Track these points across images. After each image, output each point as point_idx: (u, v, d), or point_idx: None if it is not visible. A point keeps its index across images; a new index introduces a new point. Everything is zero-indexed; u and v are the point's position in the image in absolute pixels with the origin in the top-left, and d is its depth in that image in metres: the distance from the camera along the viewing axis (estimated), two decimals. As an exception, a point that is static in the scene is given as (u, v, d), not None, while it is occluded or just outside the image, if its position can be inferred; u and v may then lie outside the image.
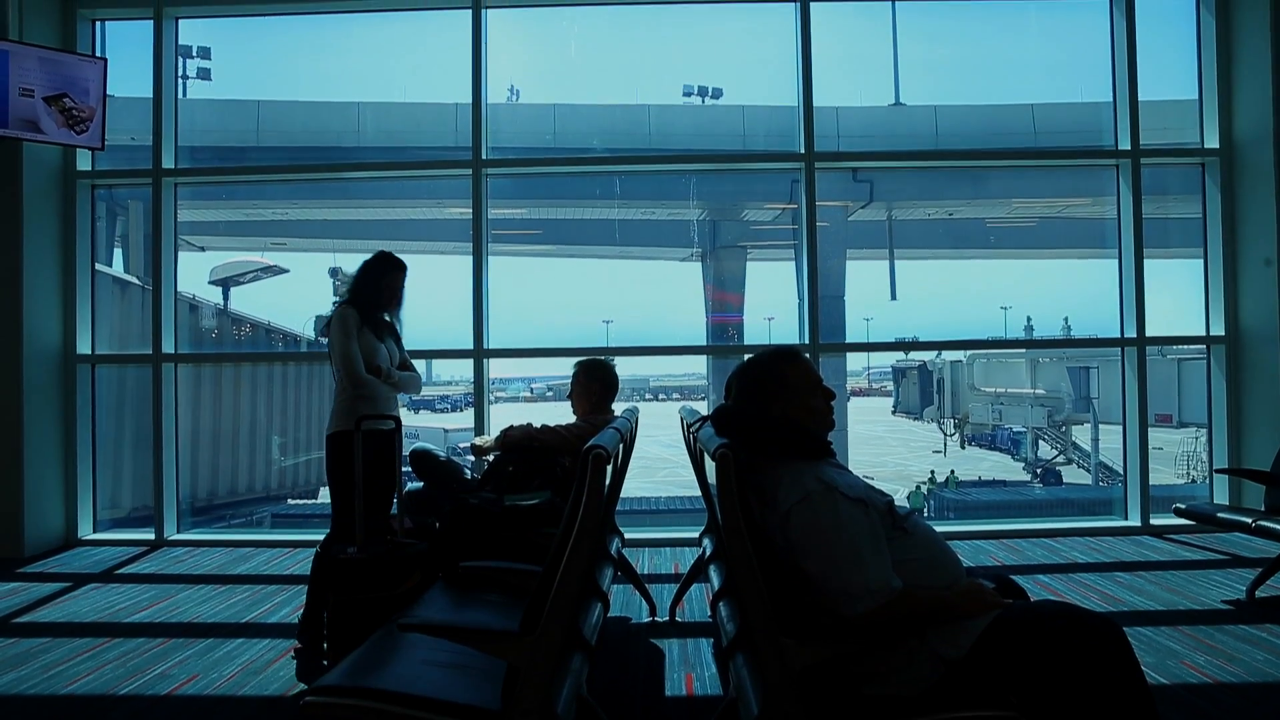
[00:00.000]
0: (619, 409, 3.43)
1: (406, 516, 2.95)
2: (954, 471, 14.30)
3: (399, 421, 2.99)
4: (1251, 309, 4.80)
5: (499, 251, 5.27)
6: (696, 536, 3.35)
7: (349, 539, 2.71)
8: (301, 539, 4.82)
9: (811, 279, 4.89)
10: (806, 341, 4.90)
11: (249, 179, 5.93)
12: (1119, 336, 4.96)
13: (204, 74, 6.61)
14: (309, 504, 8.51)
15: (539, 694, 1.57)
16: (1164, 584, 3.69)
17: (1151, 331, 4.89)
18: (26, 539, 4.59)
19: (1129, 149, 4.89)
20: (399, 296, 3.10)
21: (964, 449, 17.37)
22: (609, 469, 1.75)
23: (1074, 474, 14.80)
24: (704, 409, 3.96)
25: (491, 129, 5.01)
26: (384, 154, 6.83)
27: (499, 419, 4.00)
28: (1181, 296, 5.24)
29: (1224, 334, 4.88)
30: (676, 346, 5.39)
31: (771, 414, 1.85)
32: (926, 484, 13.60)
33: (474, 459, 3.84)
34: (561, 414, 3.46)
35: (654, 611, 3.34)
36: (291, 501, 8.54)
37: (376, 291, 3.03)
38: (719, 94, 7.18)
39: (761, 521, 1.66)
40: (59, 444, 4.86)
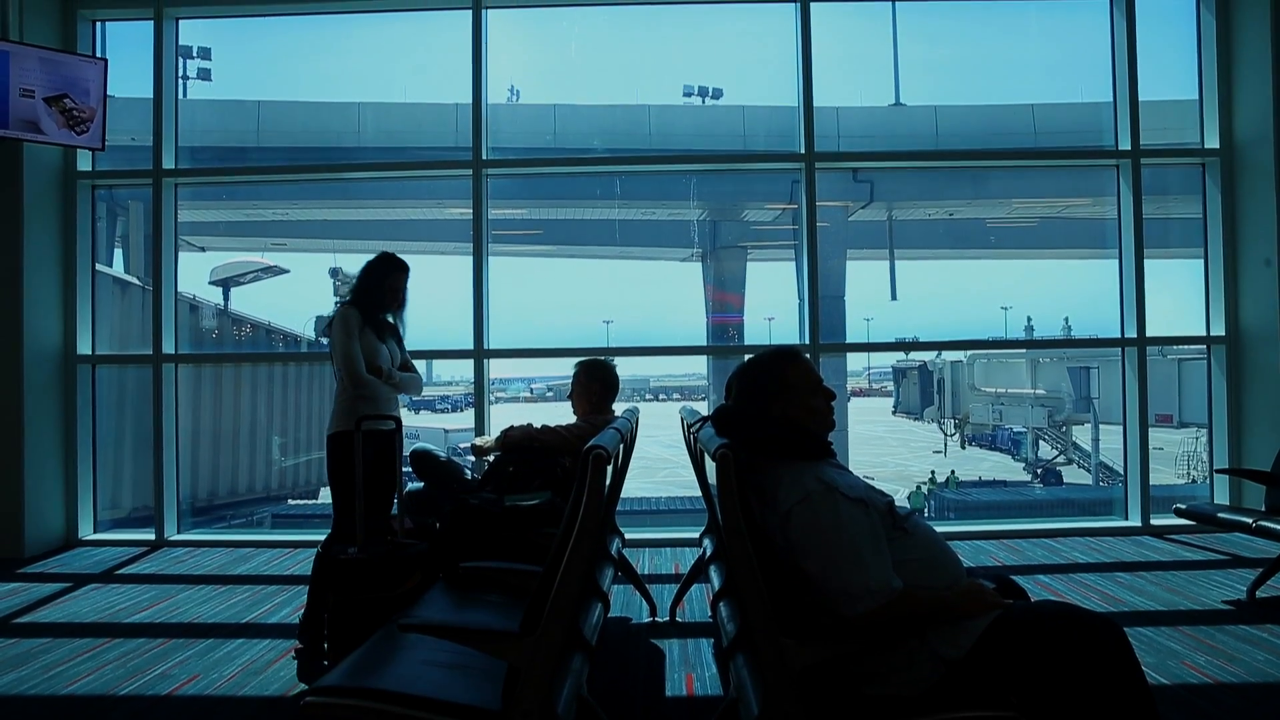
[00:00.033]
0: (619, 409, 3.43)
1: (407, 517, 2.95)
2: (954, 472, 14.30)
3: (399, 422, 2.99)
4: (1252, 309, 4.80)
5: (499, 252, 5.28)
6: (697, 537, 3.35)
7: (350, 539, 2.71)
8: (302, 539, 4.82)
9: (812, 279, 4.89)
10: (807, 342, 4.90)
11: (249, 179, 5.93)
12: (1119, 336, 4.97)
13: (204, 74, 6.61)
14: (309, 504, 8.51)
15: (539, 694, 1.57)
16: (1164, 584, 3.69)
17: (1152, 332, 4.89)
18: (27, 539, 4.59)
19: (1129, 149, 4.89)
20: (401, 297, 3.11)
21: (964, 449, 17.37)
22: (609, 469, 1.75)
23: (1074, 474, 14.80)
24: (704, 409, 3.96)
25: (492, 129, 5.01)
26: (384, 154, 6.83)
27: (499, 419, 4.00)
28: (1182, 296, 5.25)
29: (1224, 334, 4.88)
30: (677, 347, 5.39)
31: (772, 414, 1.85)
32: (927, 484, 13.60)
33: (474, 459, 3.84)
34: (562, 414, 3.46)
35: (654, 612, 3.34)
36: (292, 502, 8.54)
37: (379, 292, 3.03)
38: (719, 94, 7.17)
39: (762, 522, 1.66)
40: (59, 444, 4.87)
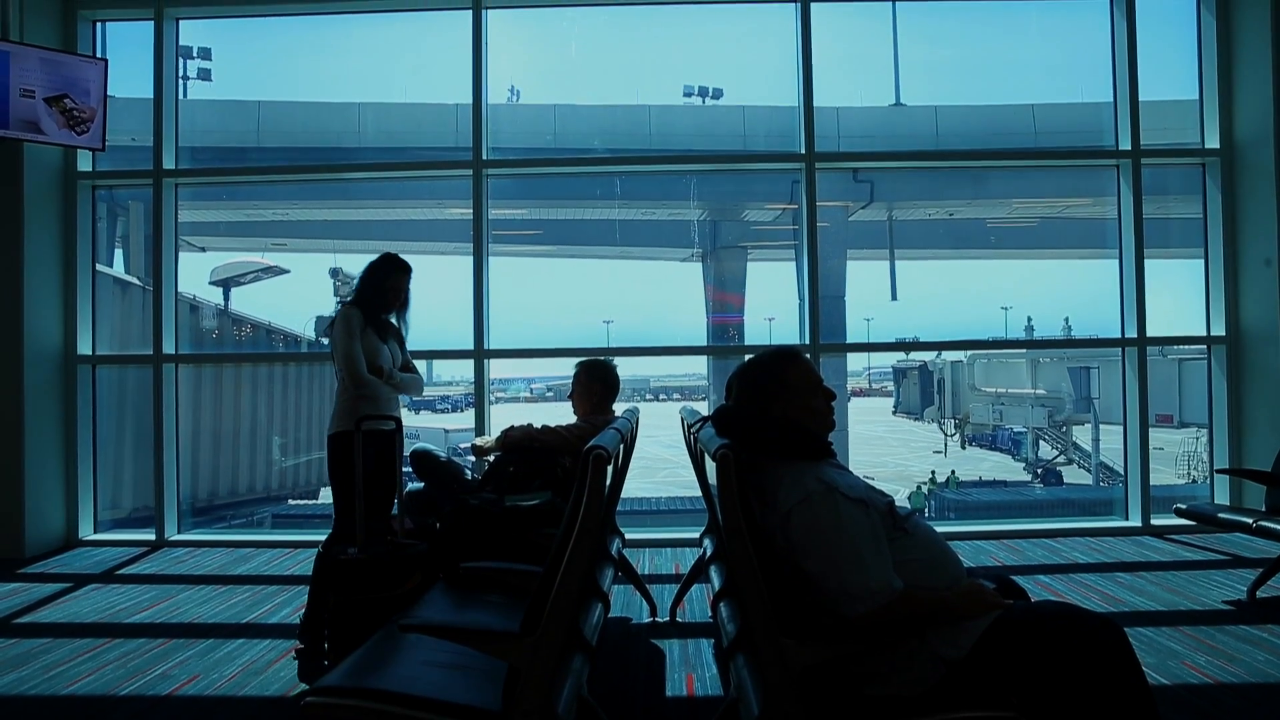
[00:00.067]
0: (620, 409, 3.43)
1: (407, 517, 2.95)
2: (954, 472, 14.31)
3: (400, 422, 2.99)
4: (1252, 309, 4.80)
5: (499, 252, 5.28)
6: (697, 537, 3.35)
7: (350, 539, 2.71)
8: (302, 539, 4.82)
9: (812, 279, 4.89)
10: (807, 342, 4.90)
11: (249, 179, 5.94)
12: (1119, 337, 4.96)
13: (204, 74, 6.62)
14: (309, 504, 8.52)
15: (540, 694, 1.57)
16: (1165, 584, 3.69)
17: (1152, 332, 4.89)
18: (27, 539, 4.59)
19: (1129, 149, 4.89)
20: (404, 298, 3.11)
21: (964, 449, 17.37)
22: (609, 469, 1.75)
23: (1075, 474, 14.80)
24: (704, 409, 3.96)
25: (492, 129, 5.01)
26: (384, 154, 6.83)
27: (499, 419, 4.00)
28: (1182, 297, 5.25)
29: (1224, 334, 4.88)
30: (677, 347, 5.38)
31: (772, 414, 1.85)
32: (927, 484, 13.60)
33: (474, 459, 3.84)
34: (562, 414, 3.46)
35: (654, 612, 3.34)
36: (292, 502, 8.54)
37: (381, 293, 3.03)
38: (719, 94, 7.17)
39: (762, 522, 1.66)
40: (60, 444, 4.87)
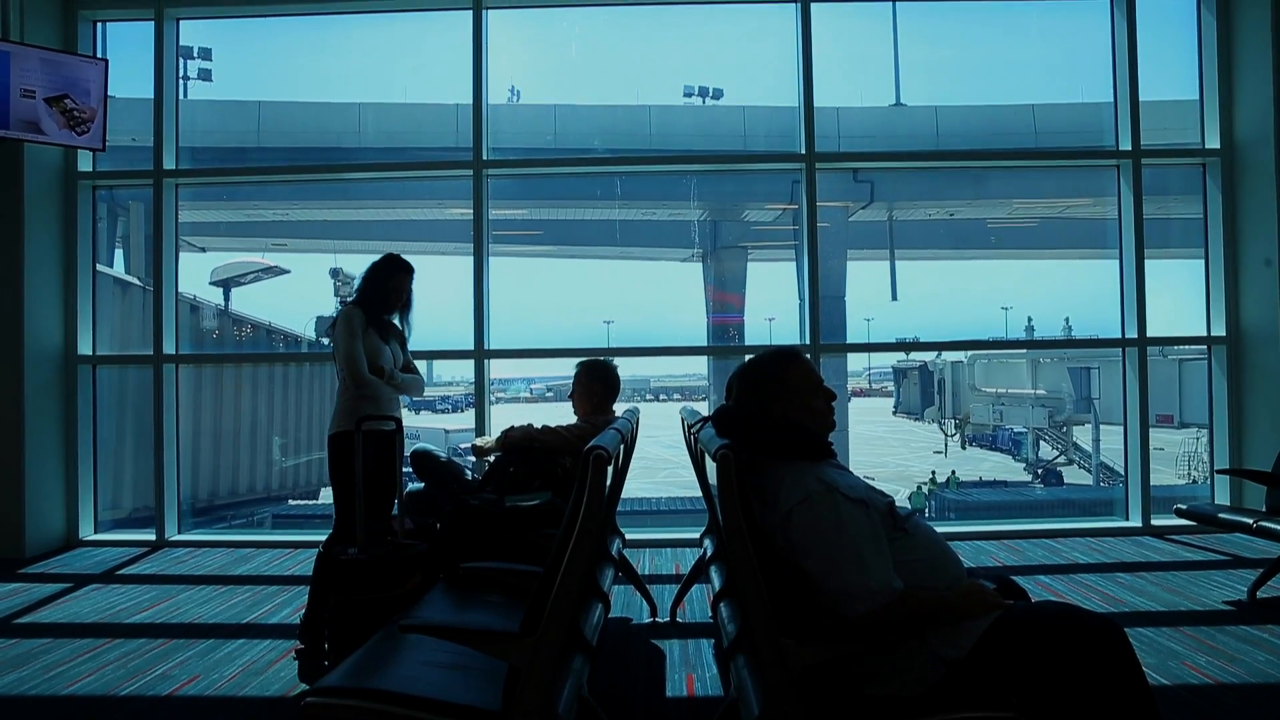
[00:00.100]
0: (620, 409, 3.43)
1: (407, 517, 2.95)
2: (955, 472, 14.31)
3: (400, 422, 2.99)
4: (1252, 309, 4.80)
5: (500, 252, 5.28)
6: (697, 537, 3.35)
7: (350, 539, 2.71)
8: (302, 540, 4.82)
9: (812, 279, 4.89)
10: (807, 342, 4.90)
11: (250, 180, 5.94)
12: (1120, 337, 4.96)
13: (205, 75, 6.62)
14: (310, 505, 8.52)
15: (540, 695, 1.57)
16: (1165, 585, 3.69)
17: (1152, 332, 4.89)
18: (27, 540, 4.59)
19: (1130, 149, 4.89)
20: (406, 298, 3.12)
21: (965, 449, 17.36)
22: (610, 470, 1.75)
23: (1075, 474, 14.79)
24: (705, 410, 3.96)
25: (492, 129, 5.02)
26: (385, 154, 6.83)
27: (500, 419, 4.00)
28: (1182, 297, 5.25)
29: (1225, 334, 4.88)
30: (677, 347, 5.38)
31: (772, 414, 1.85)
32: (927, 484, 13.60)
33: (475, 460, 3.84)
34: (562, 414, 3.46)
35: (655, 612, 3.34)
36: (292, 502, 8.54)
37: (383, 293, 3.04)
38: (720, 94, 7.17)
39: (762, 522, 1.65)
40: (60, 445, 4.87)
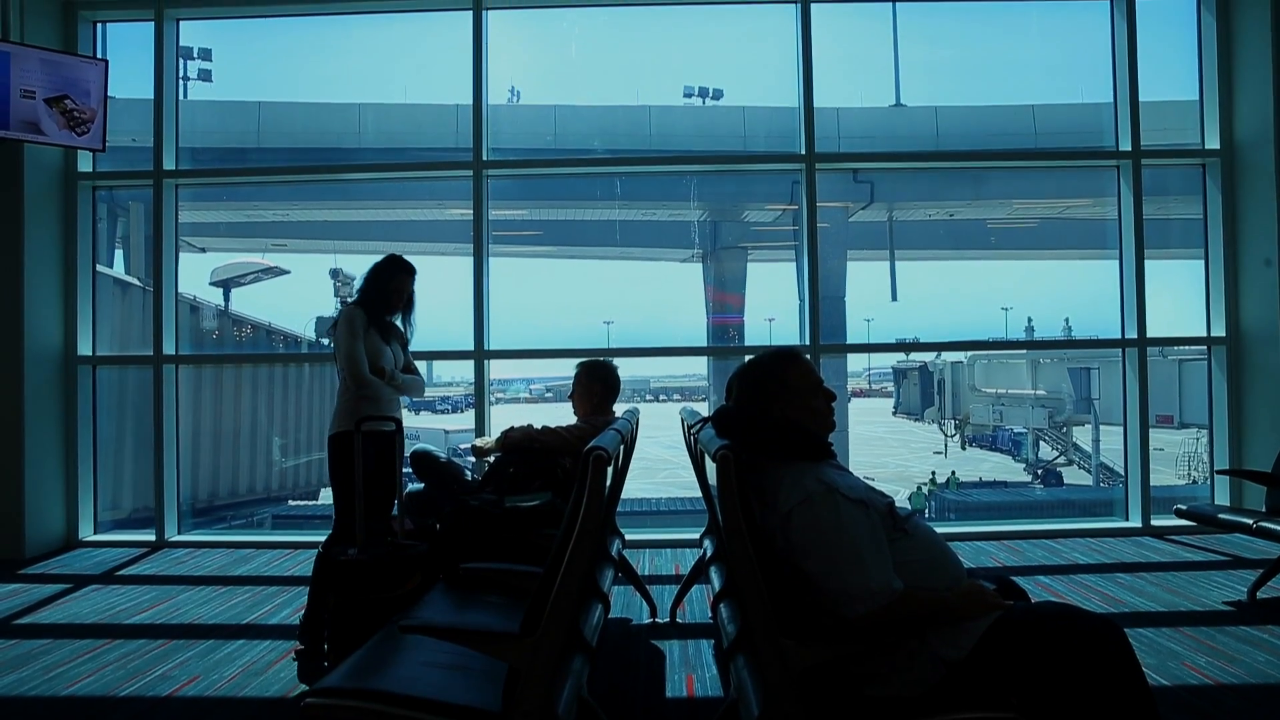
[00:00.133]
0: (620, 410, 3.43)
1: (407, 518, 2.95)
2: (955, 472, 14.30)
3: (400, 423, 2.99)
4: (1252, 310, 4.80)
5: (499, 252, 5.28)
6: (697, 538, 3.35)
7: (350, 540, 2.71)
8: (302, 540, 4.83)
9: (812, 280, 4.89)
10: (807, 342, 4.90)
11: (250, 180, 5.94)
12: (1120, 337, 4.97)
13: (205, 75, 6.61)
14: (309, 505, 8.50)
15: (540, 695, 1.57)
16: (1165, 585, 3.69)
17: (1152, 332, 4.89)
18: (27, 540, 4.60)
19: (1130, 150, 4.89)
20: (408, 299, 3.12)
21: (965, 450, 17.35)
22: (610, 470, 1.75)
23: (1075, 475, 14.77)
24: (705, 410, 3.96)
25: (492, 130, 5.02)
26: (385, 155, 6.82)
27: (499, 420, 4.00)
28: (1182, 297, 5.25)
29: (1225, 335, 4.88)
30: (677, 348, 5.38)
31: (772, 415, 1.85)
32: (927, 485, 13.59)
33: (475, 460, 3.84)
34: (561, 415, 3.46)
35: (655, 613, 3.34)
36: (292, 503, 8.53)
37: (384, 293, 3.04)
38: (720, 95, 7.16)
39: (762, 523, 1.65)
40: (60, 445, 4.87)
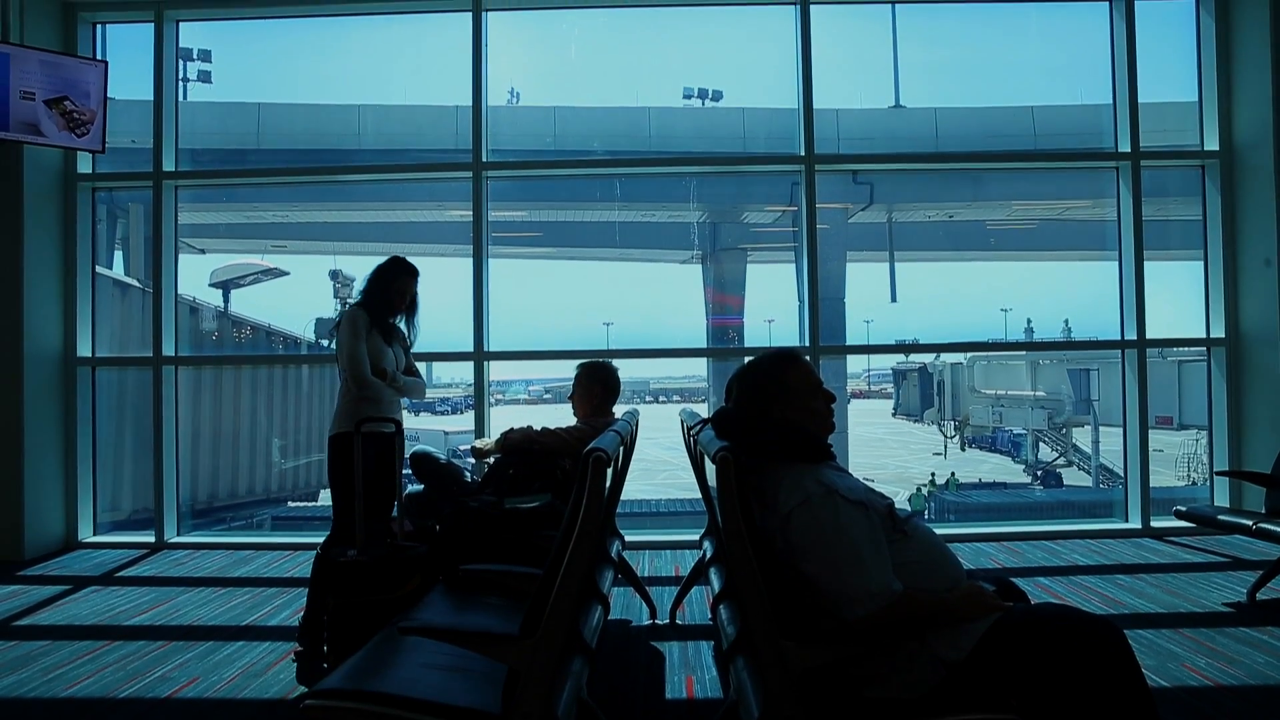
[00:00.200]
0: (619, 411, 3.43)
1: (407, 519, 2.95)
2: (954, 474, 14.29)
3: (400, 424, 2.99)
4: (1252, 311, 4.80)
5: (499, 254, 5.28)
6: (697, 539, 3.35)
7: (349, 541, 2.71)
8: (302, 541, 4.83)
9: (812, 281, 4.89)
10: (807, 344, 4.90)
11: (249, 182, 5.94)
12: (1119, 339, 4.97)
13: (204, 76, 6.61)
14: (309, 506, 8.49)
15: (539, 697, 1.57)
16: (1165, 586, 3.69)
17: (1152, 333, 4.89)
18: (27, 542, 4.59)
19: (1129, 151, 4.89)
20: (411, 301, 3.13)
21: (964, 451, 17.34)
22: (609, 472, 1.75)
23: (1074, 476, 14.77)
24: (704, 411, 3.97)
25: (492, 131, 5.02)
26: (384, 156, 6.82)
27: (499, 421, 4.00)
28: (1182, 298, 5.25)
29: (1224, 336, 4.88)
30: (677, 349, 5.37)
31: (772, 416, 1.85)
32: (927, 486, 13.59)
33: (474, 461, 3.84)
34: (561, 416, 3.46)
35: (654, 614, 3.34)
36: (292, 504, 8.52)
37: (387, 295, 3.05)
38: (719, 96, 7.17)
39: (761, 524, 1.66)
40: (59, 447, 4.86)
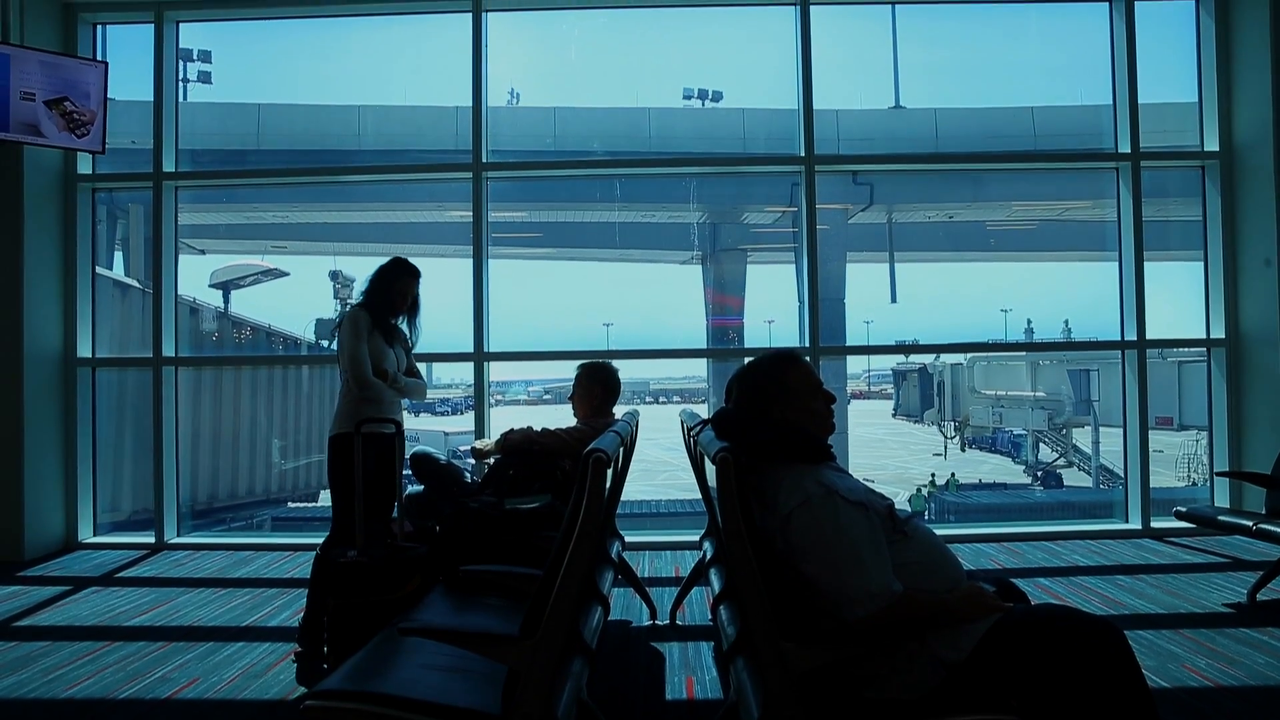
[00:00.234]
0: (619, 412, 3.43)
1: (407, 520, 2.95)
2: (954, 474, 14.28)
3: (400, 425, 2.99)
4: (1252, 311, 4.80)
5: (499, 254, 5.28)
6: (697, 540, 3.35)
7: (349, 542, 2.71)
8: (302, 542, 4.82)
9: (812, 282, 4.89)
10: (807, 344, 4.90)
11: (249, 182, 5.94)
12: (1119, 339, 4.97)
13: (204, 77, 6.61)
14: (309, 507, 8.49)
15: (539, 698, 1.56)
16: (1165, 587, 3.69)
17: (1152, 334, 4.89)
18: (27, 542, 4.59)
19: (1129, 152, 4.90)
20: (413, 302, 3.13)
21: (964, 452, 17.32)
22: (609, 473, 1.75)
23: (1075, 477, 14.75)
24: (704, 412, 3.96)
25: (492, 132, 5.02)
26: (384, 157, 6.82)
27: (499, 422, 4.00)
28: (1182, 299, 5.25)
29: (1224, 336, 4.88)
30: (677, 349, 5.37)
31: (772, 417, 1.85)
32: (927, 487, 13.57)
33: (474, 462, 3.84)
34: (561, 417, 3.46)
35: (654, 615, 3.34)
36: (292, 505, 8.52)
37: (388, 296, 3.06)
38: (719, 97, 7.17)
39: (761, 525, 1.65)
40: (59, 447, 4.86)
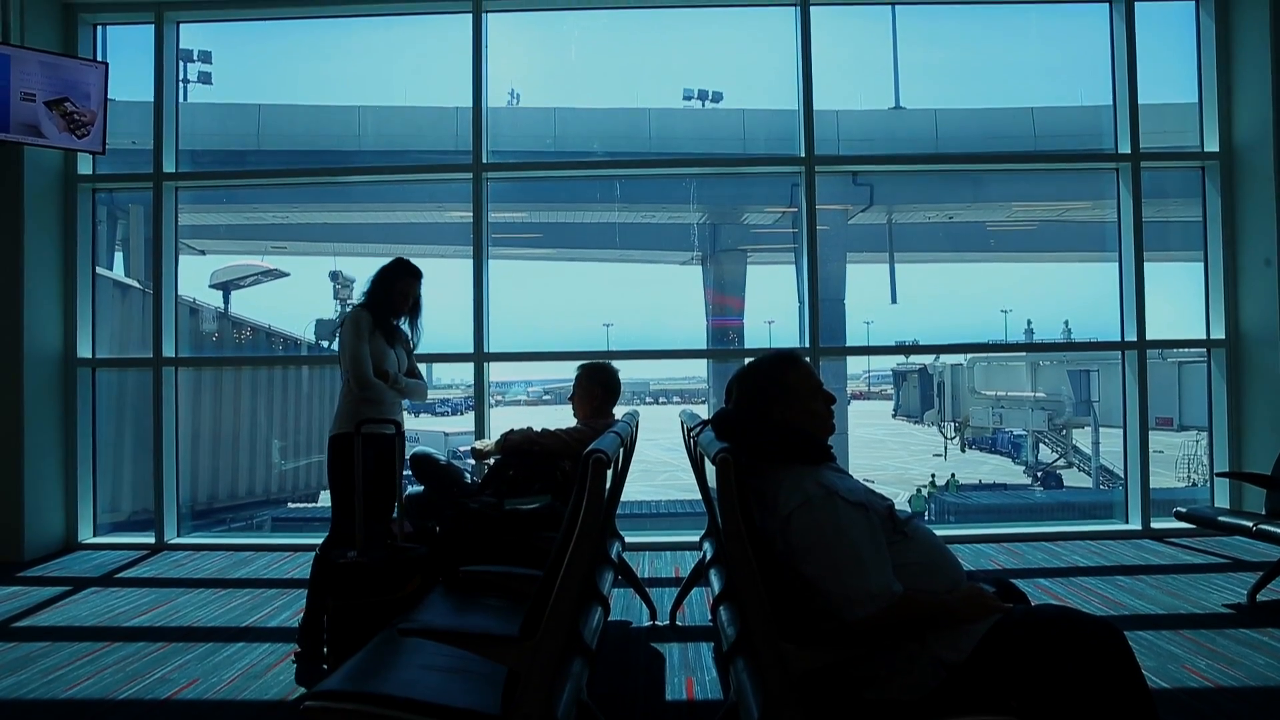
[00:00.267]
0: (619, 412, 3.43)
1: (407, 520, 2.95)
2: (954, 475, 14.28)
3: (400, 426, 2.99)
4: (1252, 312, 4.80)
5: (499, 255, 5.28)
6: (697, 540, 3.35)
7: (349, 542, 2.71)
8: (302, 543, 4.82)
9: (812, 282, 4.89)
10: (807, 345, 4.90)
11: (249, 183, 5.94)
12: (1119, 340, 4.97)
13: (205, 78, 6.62)
14: (309, 507, 8.49)
15: (539, 698, 1.56)
16: (1165, 588, 3.69)
17: (1152, 335, 4.89)
18: (26, 543, 4.59)
19: (1129, 152, 4.90)
20: (415, 303, 3.13)
21: (964, 452, 17.32)
22: (609, 473, 1.75)
23: (1075, 477, 14.76)
24: (704, 412, 3.96)
25: (492, 132, 5.02)
26: (385, 158, 6.83)
27: (499, 423, 4.00)
28: (1182, 300, 5.25)
29: (1224, 337, 4.88)
30: (677, 350, 5.37)
31: (772, 418, 1.85)
32: (927, 487, 13.57)
33: (474, 463, 3.84)
34: (561, 417, 3.46)
35: (654, 615, 3.34)
36: (292, 505, 8.53)
37: (390, 297, 3.06)
38: (719, 98, 7.17)
39: (761, 526, 1.65)
40: (59, 448, 4.86)
